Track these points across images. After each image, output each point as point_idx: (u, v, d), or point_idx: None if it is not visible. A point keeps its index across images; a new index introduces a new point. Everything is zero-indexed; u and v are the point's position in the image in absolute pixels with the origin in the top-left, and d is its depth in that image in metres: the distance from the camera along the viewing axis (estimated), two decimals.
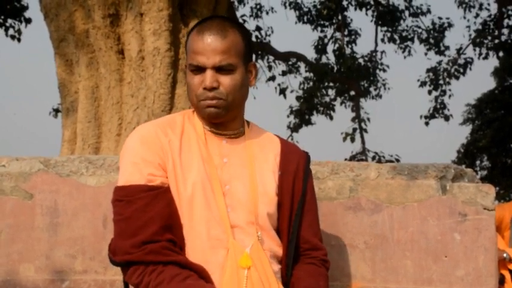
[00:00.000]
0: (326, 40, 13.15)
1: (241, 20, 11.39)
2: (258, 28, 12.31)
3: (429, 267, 2.36)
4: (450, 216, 2.36)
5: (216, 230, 1.76)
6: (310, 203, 1.95)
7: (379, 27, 13.08)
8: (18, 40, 10.17)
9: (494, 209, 2.37)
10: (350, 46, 13.04)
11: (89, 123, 4.68)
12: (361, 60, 13.12)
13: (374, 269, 2.39)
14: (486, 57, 12.92)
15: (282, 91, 12.48)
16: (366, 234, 2.40)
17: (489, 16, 12.98)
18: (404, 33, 13.19)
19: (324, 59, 13.10)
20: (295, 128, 13.46)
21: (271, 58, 12.59)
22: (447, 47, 13.16)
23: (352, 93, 13.34)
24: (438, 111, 13.25)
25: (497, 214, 3.87)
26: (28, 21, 10.04)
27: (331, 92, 13.47)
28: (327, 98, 13.40)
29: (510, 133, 17.73)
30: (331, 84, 13.23)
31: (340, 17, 12.98)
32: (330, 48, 13.03)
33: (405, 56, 13.23)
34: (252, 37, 11.84)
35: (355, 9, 12.76)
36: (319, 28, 13.17)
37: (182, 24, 4.74)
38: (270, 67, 12.70)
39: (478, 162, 19.89)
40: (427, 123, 13.33)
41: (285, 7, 13.13)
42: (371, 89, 13.47)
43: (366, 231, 2.41)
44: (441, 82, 13.13)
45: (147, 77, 4.52)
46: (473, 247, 2.35)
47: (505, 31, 12.80)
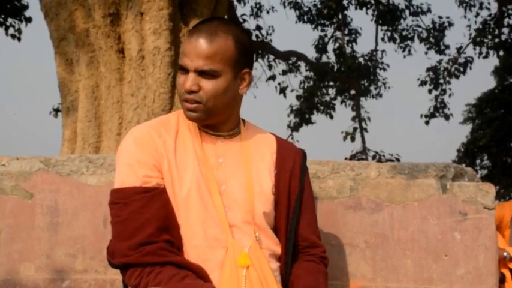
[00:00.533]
0: (326, 39, 13.15)
1: (241, 20, 11.39)
2: (258, 27, 12.31)
3: (429, 266, 2.36)
4: (450, 215, 2.36)
5: (214, 230, 1.76)
6: (307, 201, 1.94)
7: (379, 26, 13.08)
8: (18, 39, 10.17)
9: (494, 208, 2.37)
10: (350, 45, 13.05)
11: (89, 122, 4.68)
12: (361, 59, 13.13)
13: (374, 268, 2.39)
14: (486, 56, 12.92)
15: (282, 90, 12.48)
16: (366, 233, 2.40)
17: (489, 15, 12.98)
18: (404, 32, 13.19)
19: (324, 58, 13.12)
20: (295, 127, 13.46)
21: (271, 57, 12.59)
22: (447, 46, 13.16)
23: (352, 92, 13.35)
24: (438, 110, 13.26)
25: (497, 213, 3.87)
26: (28, 20, 10.04)
27: (331, 91, 13.49)
28: (327, 97, 13.42)
29: (510, 132, 17.73)
30: (331, 83, 13.24)
31: (340, 16, 12.98)
32: (330, 47, 13.06)
33: (405, 56, 13.24)
34: (253, 36, 11.83)
35: (355, 8, 12.77)
36: (319, 27, 13.18)
37: (182, 23, 4.74)
38: (270, 66, 12.71)
39: (478, 161, 19.90)
40: (427, 122, 13.34)
41: (285, 6, 13.14)
42: (371, 88, 13.48)
43: (366, 230, 2.40)
44: (441, 81, 13.14)
45: (147, 76, 4.52)
46: (473, 246, 2.35)
47: (505, 30, 12.81)
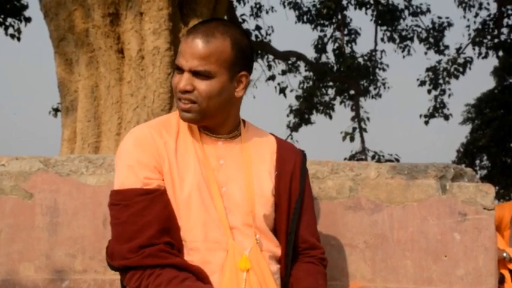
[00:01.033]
0: (326, 39, 13.16)
1: (240, 20, 11.39)
2: (258, 27, 12.31)
3: (429, 266, 2.36)
4: (450, 215, 2.36)
5: (215, 233, 1.75)
6: (307, 202, 1.94)
7: (378, 26, 13.09)
8: (18, 39, 10.16)
9: (493, 209, 2.37)
10: (350, 45, 13.06)
11: (89, 122, 4.68)
12: (360, 59, 13.14)
13: (374, 269, 2.39)
14: (486, 56, 12.93)
15: (282, 90, 12.49)
16: (366, 233, 2.40)
17: (489, 15, 12.99)
18: (404, 32, 13.20)
19: (324, 58, 13.13)
20: (294, 127, 13.47)
21: (271, 57, 12.60)
22: (447, 47, 13.18)
23: (351, 92, 13.35)
24: (438, 110, 13.26)
25: (497, 214, 3.87)
26: (28, 20, 10.04)
27: (330, 91, 13.50)
28: (327, 97, 13.42)
29: (510, 132, 17.73)
30: (330, 83, 13.25)
31: (339, 17, 12.99)
32: (330, 47, 13.07)
33: (404, 56, 13.25)
34: (252, 36, 11.83)
35: (354, 8, 12.78)
36: (319, 27, 13.19)
37: (182, 23, 4.74)
38: (270, 66, 12.72)
39: (478, 161, 19.90)
40: (427, 122, 13.35)
41: (284, 6, 13.15)
42: (371, 88, 13.49)
43: (366, 230, 2.40)
44: (441, 81, 13.14)
45: (147, 76, 4.52)
46: (473, 247, 2.35)
47: (505, 30, 12.82)
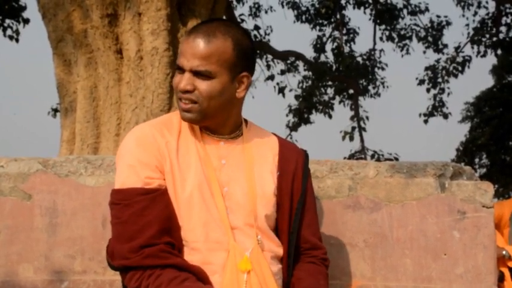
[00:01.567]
0: (324, 39, 13.16)
1: (239, 20, 11.39)
2: (257, 27, 12.31)
3: (428, 265, 2.36)
4: (449, 214, 2.36)
5: (216, 233, 1.75)
6: (309, 202, 1.94)
7: (377, 25, 13.09)
8: (16, 40, 10.15)
9: (492, 207, 2.37)
10: (348, 45, 13.06)
11: (88, 123, 4.68)
12: (359, 58, 13.14)
13: (374, 268, 2.39)
14: (484, 55, 12.92)
15: (281, 90, 12.48)
16: (365, 232, 2.40)
17: (487, 14, 12.99)
18: (402, 31, 13.19)
19: (323, 58, 13.12)
20: (294, 127, 13.47)
21: (269, 57, 12.60)
22: (445, 45, 13.17)
23: (351, 91, 13.36)
24: (437, 109, 13.27)
25: (496, 212, 3.87)
26: (26, 21, 10.03)
27: (330, 91, 13.50)
28: (326, 97, 13.42)
29: (509, 131, 17.75)
30: (329, 83, 13.25)
31: (338, 16, 12.99)
32: (329, 47, 13.07)
33: (403, 55, 13.25)
34: (251, 36, 11.81)
35: (353, 7, 12.78)
36: (317, 27, 13.18)
37: (180, 23, 4.74)
38: (269, 66, 12.71)
39: (477, 160, 19.92)
40: (426, 121, 13.35)
41: (283, 6, 13.14)
42: (370, 88, 13.50)
43: (365, 229, 2.40)
44: (440, 80, 13.14)
45: (146, 77, 4.52)
46: (472, 245, 2.35)
47: (503, 29, 12.82)
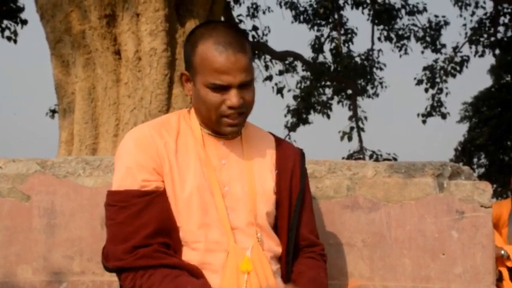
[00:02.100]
0: (323, 39, 13.17)
1: (237, 20, 11.39)
2: (255, 28, 12.31)
3: (427, 264, 2.36)
4: (447, 213, 2.36)
5: (215, 233, 1.75)
6: (307, 201, 1.95)
7: (375, 25, 13.10)
8: (14, 41, 10.15)
9: (491, 206, 2.37)
10: (347, 45, 13.07)
11: (86, 124, 4.68)
12: (357, 59, 13.16)
13: (372, 267, 2.39)
14: (482, 55, 12.94)
15: (279, 90, 12.49)
16: (364, 232, 2.41)
17: (485, 14, 13.00)
18: (400, 31, 13.21)
19: (321, 58, 13.13)
20: (292, 127, 13.47)
21: (268, 57, 12.60)
22: (443, 45, 13.19)
23: (349, 92, 13.37)
24: (435, 109, 13.27)
25: (495, 211, 3.88)
26: (24, 22, 10.02)
27: (328, 91, 13.52)
28: (324, 97, 13.43)
29: (507, 130, 17.77)
30: (328, 83, 13.26)
31: (336, 16, 12.99)
32: (327, 47, 13.08)
33: (401, 55, 13.26)
34: (249, 37, 11.84)
35: (351, 8, 12.79)
36: (315, 27, 13.19)
37: (178, 24, 4.74)
38: (267, 67, 12.71)
39: (476, 159, 19.94)
40: (424, 121, 13.36)
41: (281, 7, 13.15)
42: (368, 88, 13.51)
43: (364, 229, 2.41)
44: (438, 80, 13.15)
45: (144, 78, 4.52)
46: (470, 244, 2.35)
47: (501, 29, 12.84)
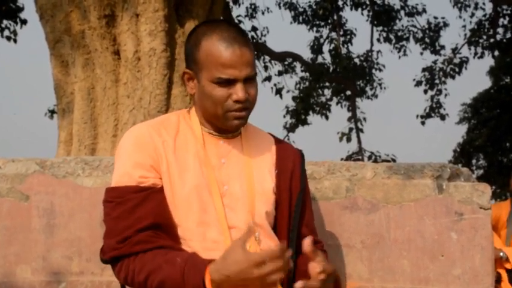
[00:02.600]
0: (322, 40, 13.19)
1: (236, 21, 11.39)
2: (254, 28, 12.32)
3: (426, 266, 2.36)
4: (446, 215, 2.37)
5: (213, 232, 1.75)
6: (307, 201, 1.96)
7: (374, 27, 13.10)
8: (14, 41, 10.15)
9: (490, 208, 2.38)
10: (346, 46, 13.08)
11: (85, 124, 4.67)
12: (357, 60, 13.17)
13: (371, 269, 2.39)
14: (481, 56, 12.95)
15: (278, 91, 12.49)
16: (363, 233, 2.41)
17: (484, 15, 13.00)
18: (399, 32, 13.22)
19: (320, 59, 13.14)
20: (291, 128, 13.47)
21: (267, 58, 12.60)
22: (443, 47, 13.21)
23: (348, 93, 13.36)
24: (434, 110, 13.29)
25: (494, 213, 3.88)
26: (24, 22, 10.02)
27: (327, 92, 13.51)
28: (323, 98, 13.43)
29: (506, 132, 17.77)
30: (327, 84, 13.25)
31: (335, 17, 13.00)
32: (326, 48, 13.09)
33: (400, 56, 13.27)
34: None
35: (350, 9, 12.80)
36: (314, 28, 13.20)
37: (178, 24, 4.73)
38: (266, 67, 12.71)
39: (475, 161, 19.94)
40: (423, 122, 13.37)
41: (280, 7, 13.16)
42: (367, 89, 13.51)
43: (363, 230, 2.41)
44: (437, 81, 13.16)
45: (143, 78, 4.52)
46: (469, 246, 2.35)
47: (500, 30, 12.84)
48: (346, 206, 2.42)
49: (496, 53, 13.36)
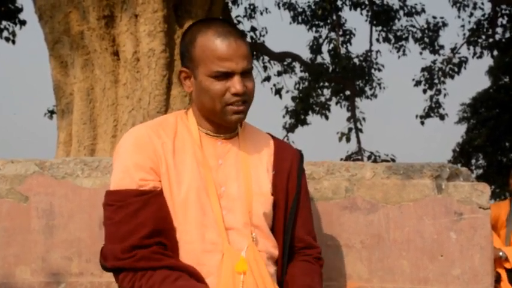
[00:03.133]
0: (321, 40, 13.18)
1: (235, 21, 11.39)
2: (253, 29, 12.32)
3: (425, 266, 2.36)
4: (446, 215, 2.37)
5: (211, 234, 1.75)
6: (303, 201, 1.94)
7: (373, 27, 13.11)
8: (12, 42, 10.14)
9: (489, 208, 2.38)
10: (345, 46, 13.08)
11: (84, 125, 4.68)
12: (356, 60, 13.16)
13: (370, 269, 2.39)
14: (481, 56, 12.95)
15: (278, 91, 12.49)
16: (362, 234, 2.41)
17: (483, 15, 13.01)
18: (399, 32, 13.22)
19: (319, 59, 13.13)
20: (290, 128, 13.47)
21: (266, 58, 12.60)
22: (442, 46, 13.20)
23: (347, 93, 13.36)
24: (433, 110, 13.28)
25: (493, 213, 3.88)
26: (23, 23, 10.01)
27: (326, 92, 13.50)
28: (323, 98, 13.42)
29: (505, 132, 17.76)
30: (326, 84, 13.25)
31: (334, 17, 13.00)
32: (325, 48, 13.08)
33: (399, 56, 13.27)
34: (247, 38, 11.84)
35: (349, 9, 12.78)
36: (314, 28, 13.20)
37: (177, 25, 4.74)
38: (265, 67, 12.72)
39: (474, 161, 19.93)
40: (423, 122, 13.37)
41: (279, 7, 13.16)
42: (366, 89, 13.51)
43: (362, 231, 2.41)
44: (436, 81, 13.16)
45: (142, 79, 4.52)
46: (469, 246, 2.35)
47: (499, 30, 12.84)
48: (345, 206, 2.42)
49: (495, 53, 13.38)
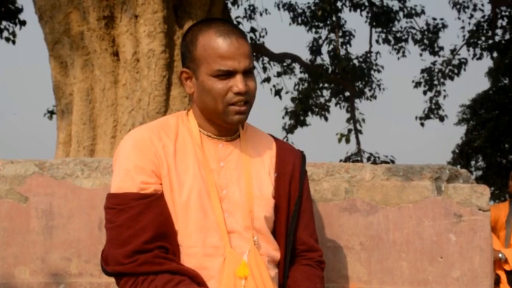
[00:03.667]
0: (321, 41, 13.19)
1: (235, 22, 11.39)
2: (253, 29, 12.32)
3: (425, 268, 2.36)
4: (445, 217, 2.37)
5: (213, 237, 1.74)
6: (306, 204, 1.93)
7: (373, 28, 13.12)
8: (13, 42, 10.14)
9: (489, 210, 2.37)
10: (345, 47, 13.09)
11: (84, 125, 4.68)
12: (355, 61, 13.16)
13: (370, 270, 2.39)
14: (480, 57, 12.96)
15: (277, 92, 12.48)
16: (362, 235, 2.40)
17: (483, 17, 13.02)
18: (398, 34, 13.24)
19: (319, 60, 13.15)
20: (290, 129, 13.46)
21: (266, 59, 12.60)
22: (441, 48, 13.21)
23: (347, 94, 13.37)
24: (433, 111, 13.30)
25: (492, 214, 3.89)
26: (23, 23, 10.01)
27: (326, 93, 13.50)
28: (322, 99, 13.43)
29: (505, 133, 17.76)
30: (326, 85, 13.25)
31: (334, 18, 13.00)
32: (325, 49, 13.09)
33: (399, 57, 13.28)
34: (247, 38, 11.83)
35: (349, 10, 12.80)
36: (313, 29, 13.21)
37: (177, 26, 4.74)
38: (265, 68, 12.71)
39: (473, 162, 19.92)
40: (422, 123, 13.38)
41: (279, 9, 13.17)
42: (366, 90, 13.51)
43: (362, 232, 2.40)
44: (436, 83, 13.17)
45: (142, 79, 4.52)
46: (468, 248, 2.35)
47: (499, 32, 12.84)
48: (345, 208, 2.42)
49: (495, 54, 13.38)
